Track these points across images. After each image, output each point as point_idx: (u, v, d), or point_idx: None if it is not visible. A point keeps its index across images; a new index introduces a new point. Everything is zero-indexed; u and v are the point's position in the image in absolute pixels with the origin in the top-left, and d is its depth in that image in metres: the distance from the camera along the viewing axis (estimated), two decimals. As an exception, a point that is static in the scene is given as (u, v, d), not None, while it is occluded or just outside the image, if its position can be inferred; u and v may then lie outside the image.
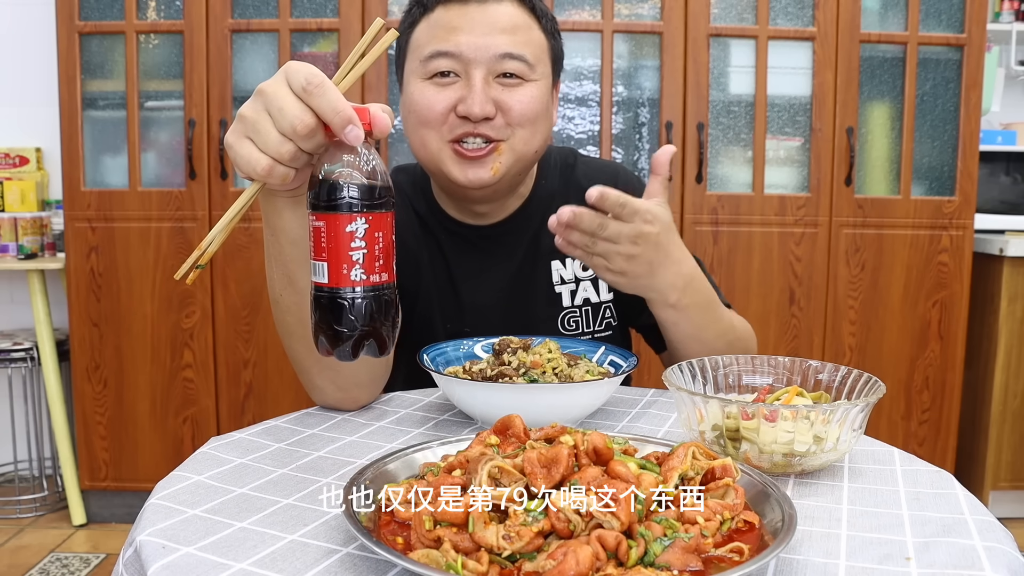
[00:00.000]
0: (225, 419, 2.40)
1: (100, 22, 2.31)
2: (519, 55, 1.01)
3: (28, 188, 2.62)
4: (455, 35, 1.00)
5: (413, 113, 1.03)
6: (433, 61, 1.00)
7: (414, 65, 1.03)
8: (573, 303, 1.15)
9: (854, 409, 0.72)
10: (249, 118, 0.69)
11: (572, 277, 1.14)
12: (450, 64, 1.00)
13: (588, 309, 1.15)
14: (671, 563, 0.51)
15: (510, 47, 1.00)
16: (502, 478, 0.58)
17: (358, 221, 0.65)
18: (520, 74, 1.02)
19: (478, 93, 0.99)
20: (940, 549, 0.59)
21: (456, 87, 1.01)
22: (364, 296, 0.66)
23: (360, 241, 0.65)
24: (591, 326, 1.15)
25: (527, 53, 1.02)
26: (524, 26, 1.02)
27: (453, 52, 0.99)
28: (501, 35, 1.00)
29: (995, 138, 2.72)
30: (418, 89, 1.02)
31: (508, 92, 1.01)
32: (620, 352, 1.00)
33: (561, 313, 1.15)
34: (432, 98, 1.01)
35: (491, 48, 0.99)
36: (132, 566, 0.58)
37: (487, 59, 1.00)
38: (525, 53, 1.01)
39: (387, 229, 0.67)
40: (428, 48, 1.01)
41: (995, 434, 2.49)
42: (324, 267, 0.66)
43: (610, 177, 1.16)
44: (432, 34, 1.01)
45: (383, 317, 0.68)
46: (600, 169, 1.21)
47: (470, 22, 1.00)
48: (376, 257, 0.66)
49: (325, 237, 0.65)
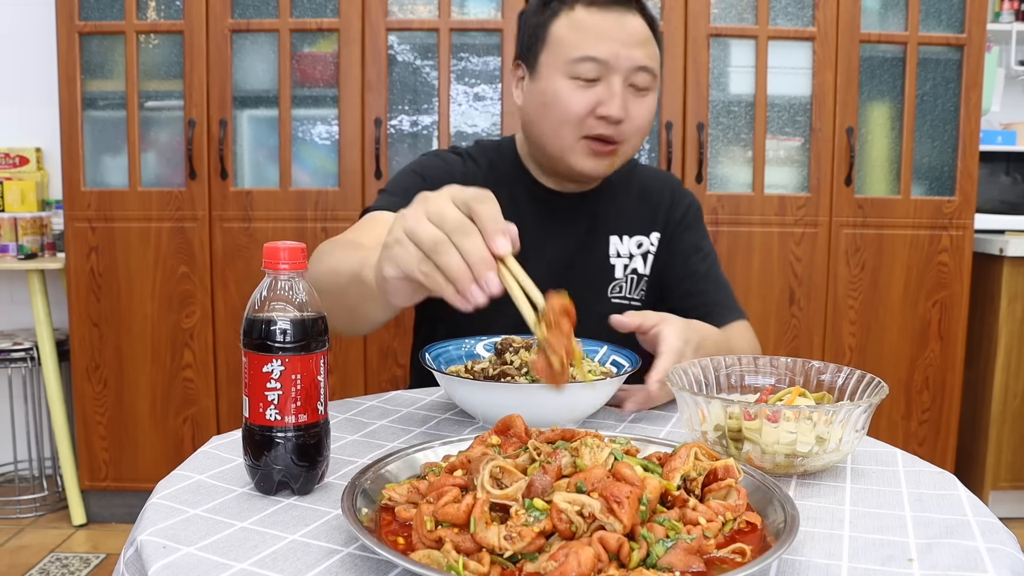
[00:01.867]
0: (225, 419, 2.40)
1: (100, 22, 2.30)
2: (650, 68, 1.14)
3: (28, 188, 2.62)
4: (601, 42, 1.11)
5: (554, 108, 1.13)
6: (582, 64, 1.11)
7: (556, 60, 1.13)
8: (625, 273, 1.28)
9: (857, 410, 0.72)
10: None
11: (627, 252, 1.28)
12: (596, 70, 1.11)
13: (634, 278, 1.28)
14: (673, 564, 0.51)
15: (644, 60, 1.12)
16: (503, 478, 0.58)
17: (274, 363, 0.65)
18: (647, 85, 1.14)
19: (619, 98, 1.11)
20: (943, 550, 0.59)
21: (596, 91, 1.12)
22: (280, 437, 0.66)
23: (275, 382, 0.66)
24: (632, 293, 1.28)
25: (654, 66, 1.15)
26: (650, 41, 1.15)
27: (600, 59, 1.10)
28: (637, 48, 1.12)
29: (995, 138, 2.72)
30: (564, 87, 1.12)
31: (636, 101, 1.14)
32: (623, 352, 1.00)
33: (611, 284, 1.27)
34: (577, 98, 1.11)
35: (631, 60, 1.11)
36: (133, 566, 0.58)
37: (626, 69, 1.11)
38: (654, 67, 1.14)
39: (310, 371, 0.66)
40: (577, 51, 1.11)
41: (995, 434, 2.49)
42: (246, 402, 0.67)
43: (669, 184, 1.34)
44: (579, 36, 1.12)
45: (299, 459, 0.67)
46: (660, 175, 1.37)
47: (612, 31, 1.11)
48: (293, 398, 0.66)
49: (247, 373, 0.67)
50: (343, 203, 2.32)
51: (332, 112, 2.33)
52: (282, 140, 2.33)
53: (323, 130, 2.36)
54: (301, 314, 0.66)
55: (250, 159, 2.37)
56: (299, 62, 2.33)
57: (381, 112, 2.31)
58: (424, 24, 2.30)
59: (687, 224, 1.31)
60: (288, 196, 2.33)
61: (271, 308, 0.66)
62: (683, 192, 1.35)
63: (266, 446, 0.66)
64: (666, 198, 1.31)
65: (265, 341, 0.65)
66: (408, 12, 2.32)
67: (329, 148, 2.36)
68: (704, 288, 1.27)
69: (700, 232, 1.33)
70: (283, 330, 0.65)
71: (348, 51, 2.29)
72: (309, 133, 2.36)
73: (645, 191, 1.31)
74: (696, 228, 1.33)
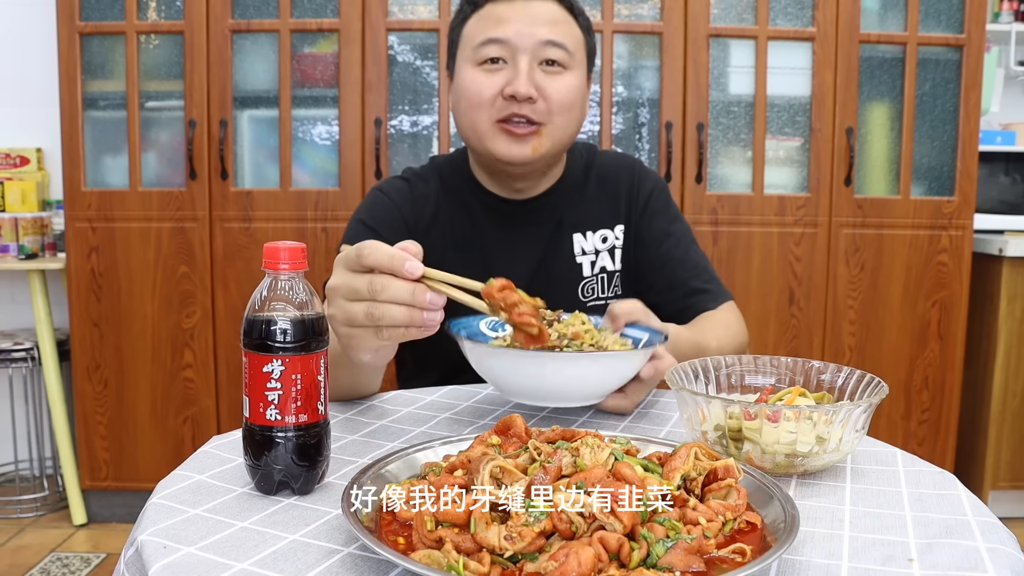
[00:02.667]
0: (225, 419, 2.40)
1: (101, 22, 2.30)
2: (560, 43, 1.12)
3: (29, 188, 2.62)
4: (503, 25, 1.11)
5: (464, 98, 1.14)
6: (484, 48, 1.12)
7: (465, 53, 1.15)
8: (593, 272, 1.25)
9: (857, 410, 0.72)
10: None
11: (592, 249, 1.25)
12: (499, 50, 1.11)
13: (604, 277, 1.25)
14: (673, 564, 0.51)
15: (552, 35, 1.12)
16: (504, 478, 0.58)
17: (275, 363, 0.65)
18: (561, 61, 1.13)
19: (523, 75, 1.10)
20: (943, 550, 0.59)
21: (504, 73, 1.12)
22: (281, 437, 0.66)
23: (276, 382, 0.66)
24: (605, 292, 1.26)
25: (567, 42, 1.13)
26: (564, 21, 1.14)
27: (501, 39, 1.11)
28: (544, 26, 1.12)
29: (994, 138, 2.72)
30: (469, 75, 1.13)
31: (550, 79, 1.12)
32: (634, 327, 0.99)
33: (581, 282, 1.24)
34: (483, 82, 1.12)
35: (536, 36, 1.11)
36: (133, 566, 0.58)
37: (532, 45, 1.11)
38: (566, 42, 1.13)
39: (310, 371, 0.67)
40: (478, 38, 1.12)
41: (994, 434, 2.49)
42: (246, 402, 0.67)
43: (627, 169, 1.29)
44: (482, 26, 1.13)
45: (299, 459, 0.67)
46: (618, 160, 1.32)
47: (517, 15, 1.11)
48: (294, 398, 0.66)
49: (247, 373, 0.67)
50: (343, 203, 2.32)
51: (332, 112, 2.34)
52: (282, 140, 2.33)
53: (323, 130, 2.36)
54: (301, 314, 0.66)
55: (250, 159, 2.37)
56: (299, 62, 2.33)
57: (381, 112, 2.31)
58: (424, 24, 2.30)
59: (653, 210, 1.26)
60: (288, 196, 2.33)
61: (271, 308, 0.66)
62: (644, 176, 1.29)
63: (266, 446, 0.66)
64: (623, 187, 1.27)
65: (265, 341, 0.65)
66: (408, 12, 2.32)
67: (329, 148, 2.36)
68: (683, 276, 1.23)
69: (668, 215, 1.28)
70: (283, 330, 0.65)
71: (348, 51, 2.29)
72: (309, 133, 2.36)
73: (602, 180, 1.27)
74: (664, 212, 1.27)
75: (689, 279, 1.23)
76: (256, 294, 0.67)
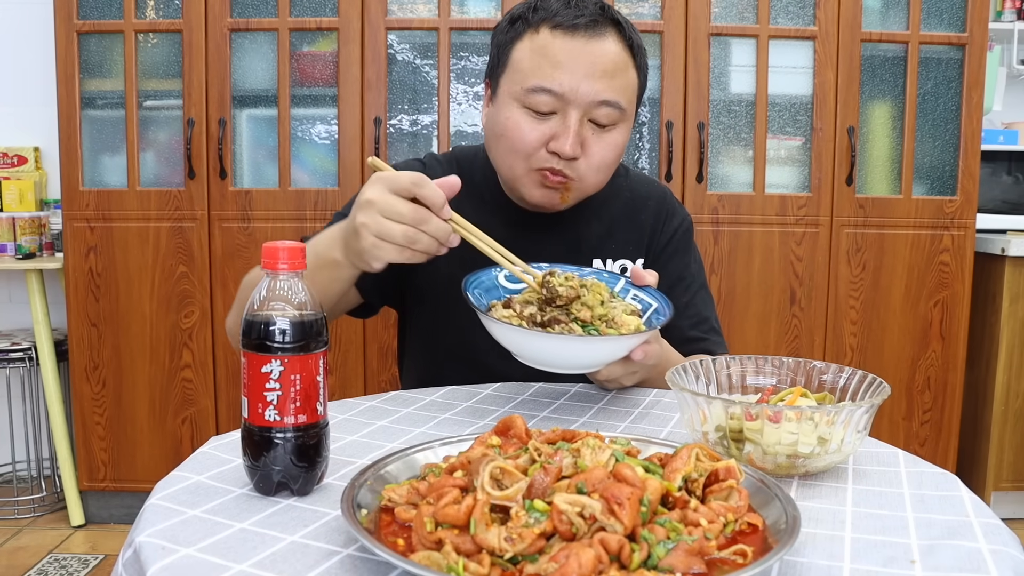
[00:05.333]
0: (224, 419, 2.40)
1: (99, 21, 2.30)
2: (615, 102, 1.04)
3: (26, 188, 2.62)
4: (559, 72, 1.02)
5: (505, 137, 1.06)
6: (534, 96, 1.03)
7: (513, 88, 1.05)
8: None
9: (859, 410, 0.72)
10: None
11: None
12: (550, 103, 1.03)
13: None
14: (674, 566, 0.51)
15: (608, 94, 1.03)
16: (504, 479, 0.57)
17: (273, 363, 0.65)
18: (611, 120, 1.05)
19: (572, 135, 1.02)
20: (945, 552, 0.59)
21: (551, 123, 1.04)
22: (279, 437, 0.66)
23: (274, 383, 0.65)
24: None
25: (622, 100, 1.05)
26: (623, 67, 1.05)
27: (556, 91, 1.02)
28: (601, 79, 1.02)
29: (997, 137, 2.72)
30: (515, 116, 1.05)
31: (596, 136, 1.05)
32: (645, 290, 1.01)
33: None
34: (527, 130, 1.04)
35: (591, 94, 1.02)
36: (131, 567, 0.58)
37: (585, 104, 1.03)
38: (620, 100, 1.04)
39: (309, 371, 0.66)
40: (531, 80, 1.03)
41: (997, 435, 2.48)
42: (245, 402, 0.67)
43: (657, 201, 1.24)
44: (536, 63, 1.03)
45: (298, 459, 0.67)
46: (648, 187, 1.27)
47: (574, 59, 1.02)
48: (292, 399, 0.66)
49: (246, 373, 0.66)
50: (342, 203, 2.31)
51: (331, 111, 2.33)
52: (281, 139, 2.33)
53: (322, 129, 2.35)
54: (300, 314, 0.66)
55: (249, 158, 2.37)
56: (298, 61, 2.33)
57: (381, 111, 2.31)
58: (424, 23, 2.30)
59: (673, 250, 1.23)
60: (287, 196, 2.33)
61: (270, 308, 0.66)
62: (672, 212, 1.25)
63: (265, 447, 0.66)
64: (650, 218, 1.22)
65: (264, 341, 0.65)
66: (408, 11, 2.32)
67: (328, 147, 2.36)
68: (682, 325, 1.18)
69: (687, 258, 1.24)
70: (282, 330, 0.65)
71: (347, 50, 2.29)
72: (308, 132, 2.35)
73: (631, 205, 1.22)
74: (683, 253, 1.24)
75: (688, 328, 1.19)
76: (255, 294, 0.67)
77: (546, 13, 1.04)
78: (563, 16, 1.03)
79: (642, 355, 0.91)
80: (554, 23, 1.03)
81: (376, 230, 0.85)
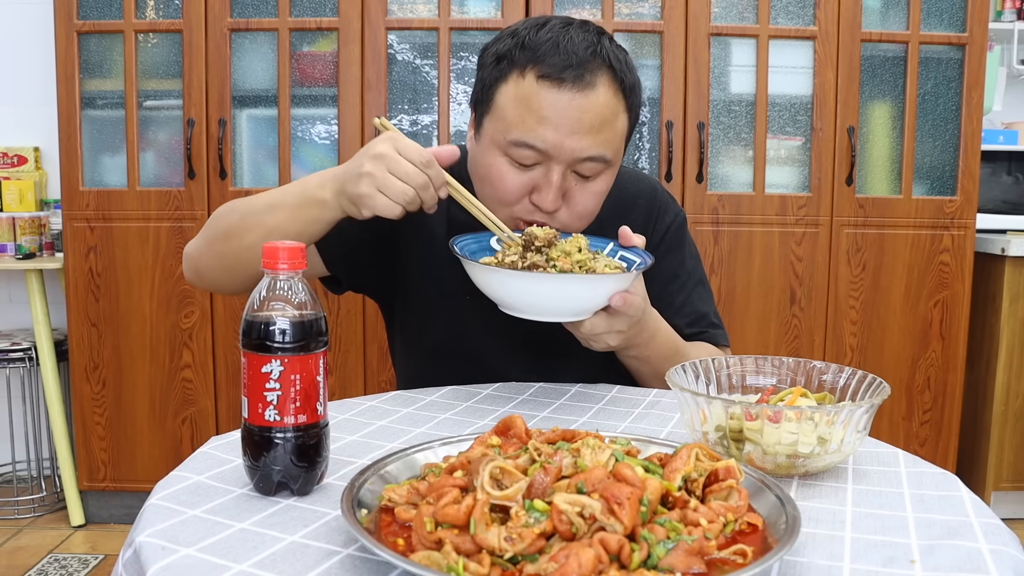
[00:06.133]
0: (224, 419, 2.40)
1: (98, 21, 2.30)
2: (599, 156, 1.01)
3: (26, 188, 2.62)
4: (543, 127, 0.98)
5: (488, 184, 1.04)
6: (517, 150, 1.00)
7: (496, 134, 1.02)
8: None
9: (859, 410, 0.72)
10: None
11: None
12: (533, 156, 1.00)
13: None
14: (674, 566, 0.51)
15: (593, 150, 1.00)
16: (504, 479, 0.57)
17: (273, 363, 0.65)
18: (595, 172, 1.03)
19: (554, 191, 1.01)
20: (945, 552, 0.59)
21: (534, 173, 1.02)
22: (279, 437, 0.66)
23: (274, 383, 0.65)
24: None
25: (608, 152, 1.02)
26: (611, 117, 1.01)
27: (539, 148, 0.99)
28: (587, 136, 0.99)
29: (997, 137, 2.71)
30: (497, 165, 1.02)
31: (580, 186, 1.03)
32: (631, 250, 1.03)
33: None
34: (511, 181, 1.02)
35: (576, 151, 0.99)
36: (131, 567, 0.58)
37: (569, 160, 1.00)
38: (606, 153, 1.01)
39: (309, 371, 0.66)
40: (514, 133, 0.99)
41: (997, 435, 2.48)
42: (245, 402, 0.67)
43: (647, 198, 1.22)
44: (520, 115, 0.99)
45: (298, 459, 0.67)
46: (637, 183, 1.24)
47: (560, 114, 0.97)
48: (292, 399, 0.66)
49: (246, 373, 0.66)
50: (343, 203, 2.32)
51: (331, 111, 2.33)
52: (281, 139, 2.33)
53: (322, 129, 2.35)
54: (300, 314, 0.66)
55: (249, 158, 2.37)
56: (298, 61, 2.33)
57: (381, 111, 2.30)
58: (424, 23, 2.30)
59: (666, 248, 1.20)
60: (288, 196, 2.32)
61: (270, 308, 0.66)
62: (664, 208, 1.23)
63: (265, 447, 0.66)
64: (640, 215, 1.20)
65: (264, 341, 0.65)
66: (408, 11, 2.32)
67: (328, 147, 2.36)
68: (678, 324, 1.15)
69: (681, 255, 1.22)
70: (282, 330, 0.65)
71: (347, 50, 2.29)
72: (308, 132, 2.35)
73: (619, 203, 1.18)
74: (677, 250, 1.22)
75: (685, 326, 1.17)
76: (255, 294, 0.67)
77: (533, 56, 0.99)
78: (551, 64, 0.97)
79: (621, 301, 0.92)
80: (540, 72, 0.98)
81: (379, 182, 0.91)
